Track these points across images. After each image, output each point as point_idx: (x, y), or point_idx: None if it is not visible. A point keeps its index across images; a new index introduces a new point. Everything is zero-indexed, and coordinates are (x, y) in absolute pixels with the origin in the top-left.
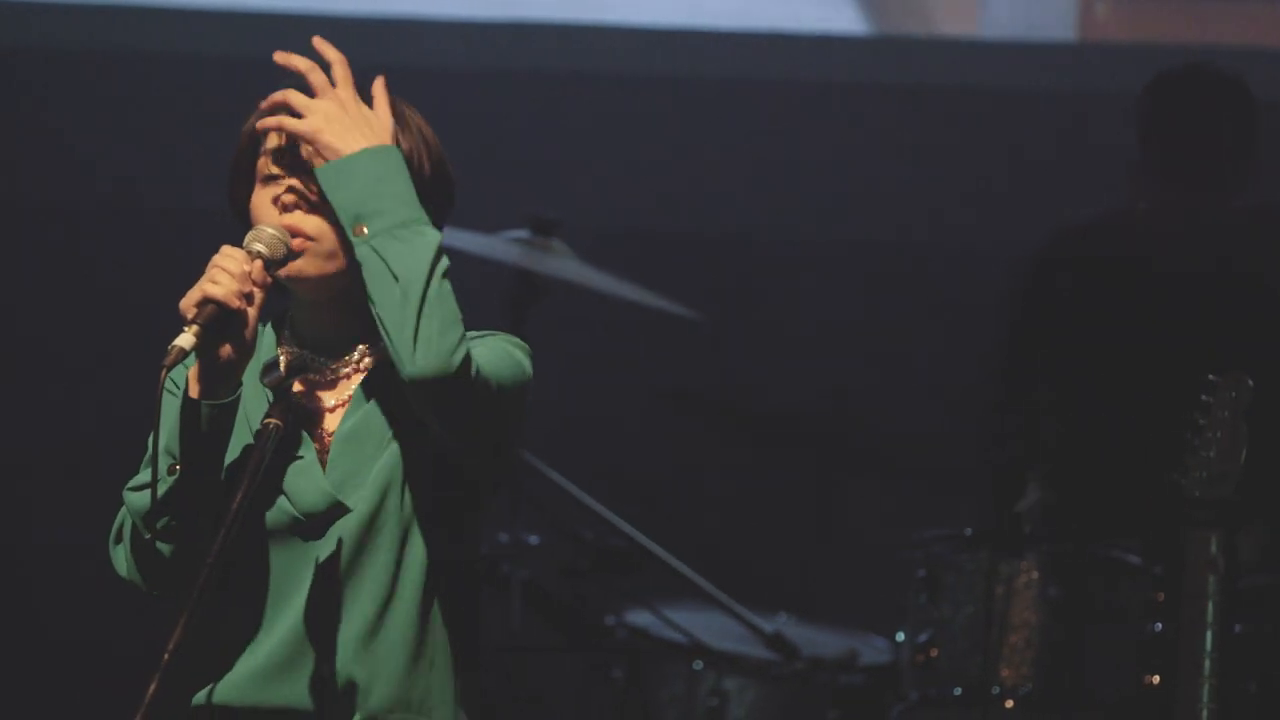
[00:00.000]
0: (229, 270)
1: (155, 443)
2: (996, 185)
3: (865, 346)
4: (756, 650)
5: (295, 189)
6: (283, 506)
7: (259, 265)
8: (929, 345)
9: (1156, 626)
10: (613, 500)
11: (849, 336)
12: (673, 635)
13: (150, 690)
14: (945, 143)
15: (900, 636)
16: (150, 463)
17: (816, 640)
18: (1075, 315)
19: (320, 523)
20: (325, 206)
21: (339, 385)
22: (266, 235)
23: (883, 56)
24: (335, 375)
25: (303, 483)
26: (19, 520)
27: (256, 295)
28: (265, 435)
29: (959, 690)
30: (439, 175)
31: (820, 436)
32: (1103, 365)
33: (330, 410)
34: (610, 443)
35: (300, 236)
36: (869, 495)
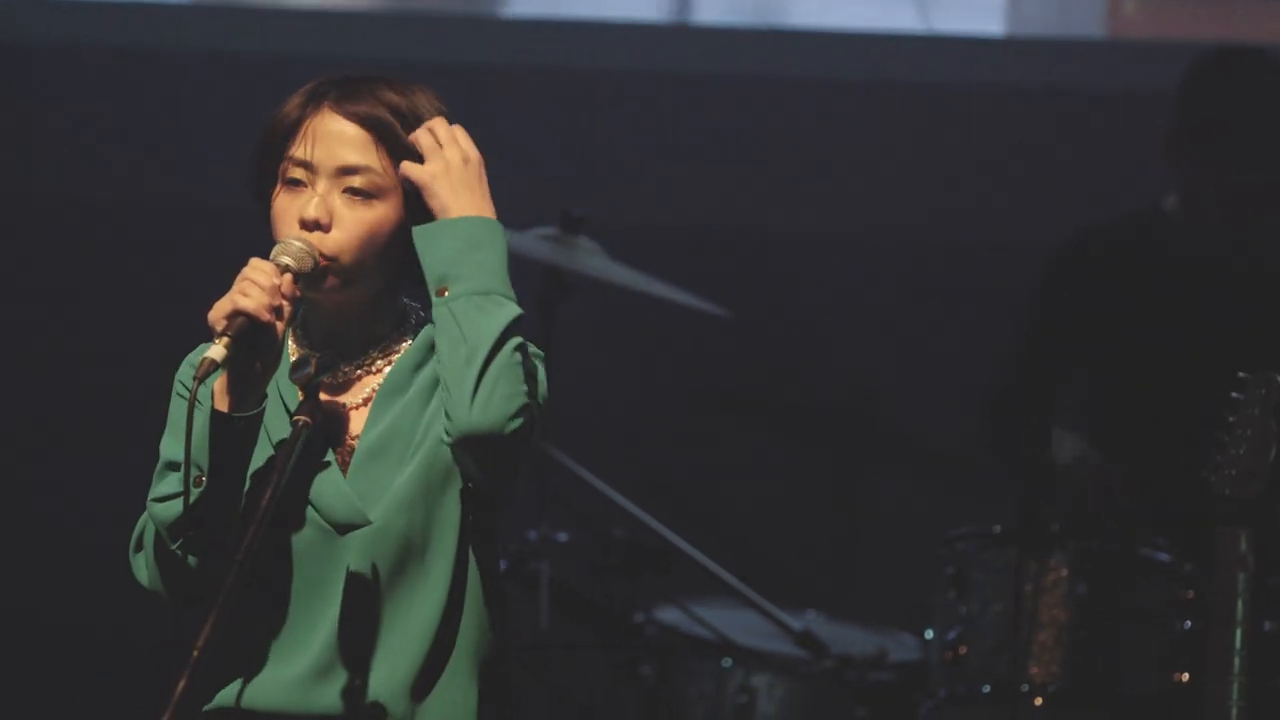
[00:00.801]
0: (259, 283)
1: (187, 455)
2: (1026, 182)
3: (895, 343)
4: (785, 648)
5: (318, 207)
6: (307, 513)
7: (288, 279)
8: (959, 342)
9: (1186, 624)
10: (641, 497)
11: (879, 333)
12: (702, 632)
13: (179, 688)
14: (974, 139)
15: (929, 634)
16: (181, 474)
17: (845, 638)
18: (1102, 313)
19: (342, 531)
20: (346, 225)
21: (354, 387)
22: (294, 249)
23: (912, 53)
24: (349, 377)
25: (326, 490)
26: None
27: (285, 308)
28: (295, 433)
29: (988, 688)
30: None
31: (850, 433)
32: (1131, 363)
33: (347, 412)
34: (638, 440)
35: (324, 260)
36: (898, 492)
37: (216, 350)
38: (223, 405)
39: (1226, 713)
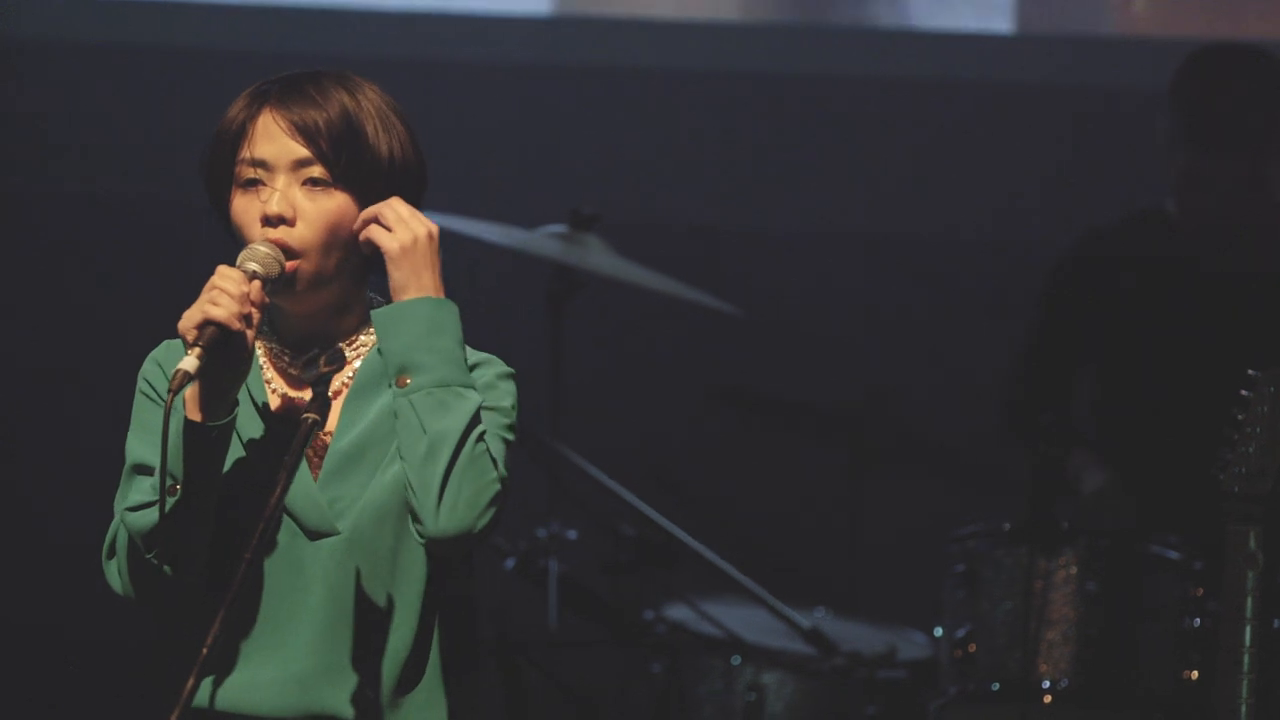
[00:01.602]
0: (229, 291)
1: (163, 467)
2: (1034, 180)
3: (906, 341)
4: (795, 645)
5: (279, 202)
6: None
7: (257, 285)
8: (969, 340)
9: (1195, 621)
10: (651, 495)
11: (890, 331)
12: (711, 630)
13: (187, 687)
14: (982, 138)
15: (939, 631)
16: (153, 482)
17: (855, 635)
18: (1109, 312)
19: (312, 537)
20: (309, 218)
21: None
22: (261, 254)
23: (920, 51)
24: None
25: (298, 494)
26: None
27: (255, 316)
28: (303, 431)
29: (997, 685)
30: (407, 157)
31: (859, 431)
32: (1140, 362)
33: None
34: (648, 437)
35: (288, 252)
36: (907, 490)
37: (189, 361)
38: (195, 415)
39: (1236, 710)
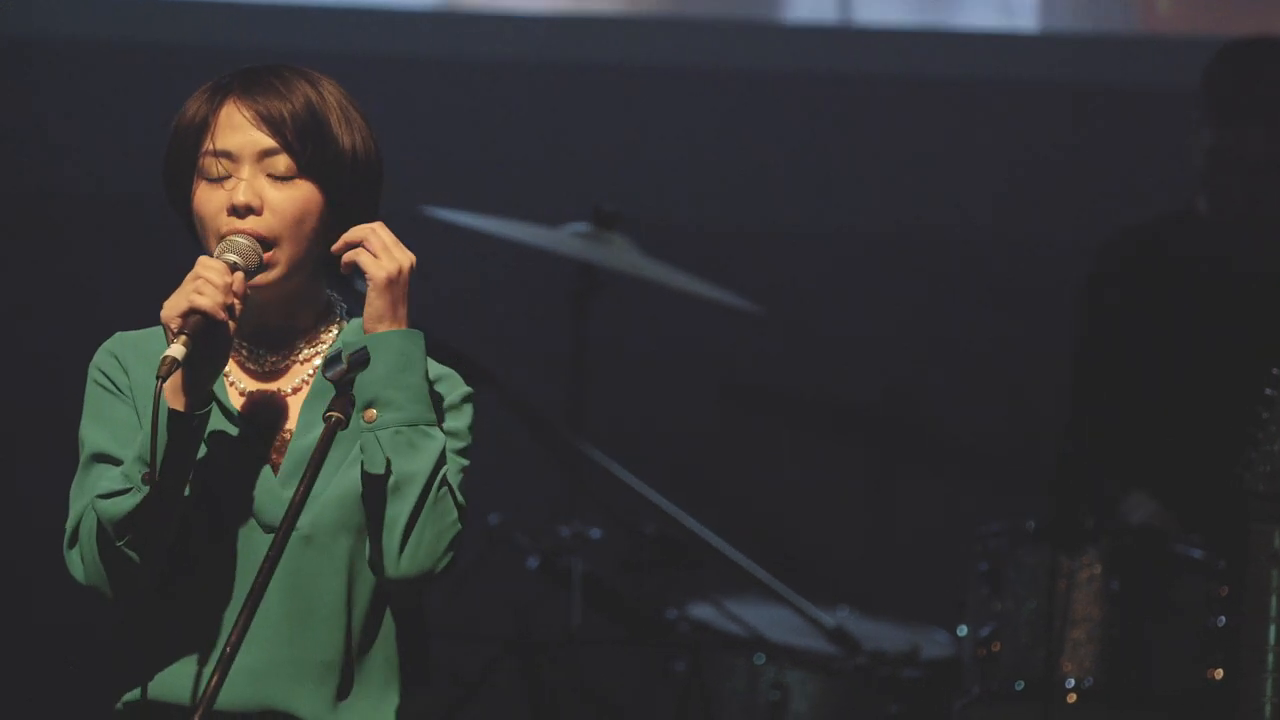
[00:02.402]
0: (213, 281)
1: (154, 451)
2: (1058, 178)
3: (928, 340)
4: (818, 644)
5: (246, 191)
6: (238, 511)
7: (239, 277)
8: (990, 338)
9: (1219, 620)
10: (674, 494)
11: (912, 330)
12: (734, 629)
13: (210, 685)
14: (1005, 136)
15: (962, 630)
16: (123, 470)
17: (878, 634)
18: (1137, 312)
19: (270, 533)
20: (277, 208)
21: (283, 376)
22: (240, 246)
23: (944, 50)
24: (277, 366)
25: (258, 489)
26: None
27: (237, 307)
28: (328, 430)
29: (1021, 684)
30: (369, 150)
31: (882, 429)
32: (1165, 362)
33: (281, 400)
34: (671, 436)
35: (261, 241)
36: (931, 489)
37: (176, 349)
38: (178, 404)
39: (1260, 709)
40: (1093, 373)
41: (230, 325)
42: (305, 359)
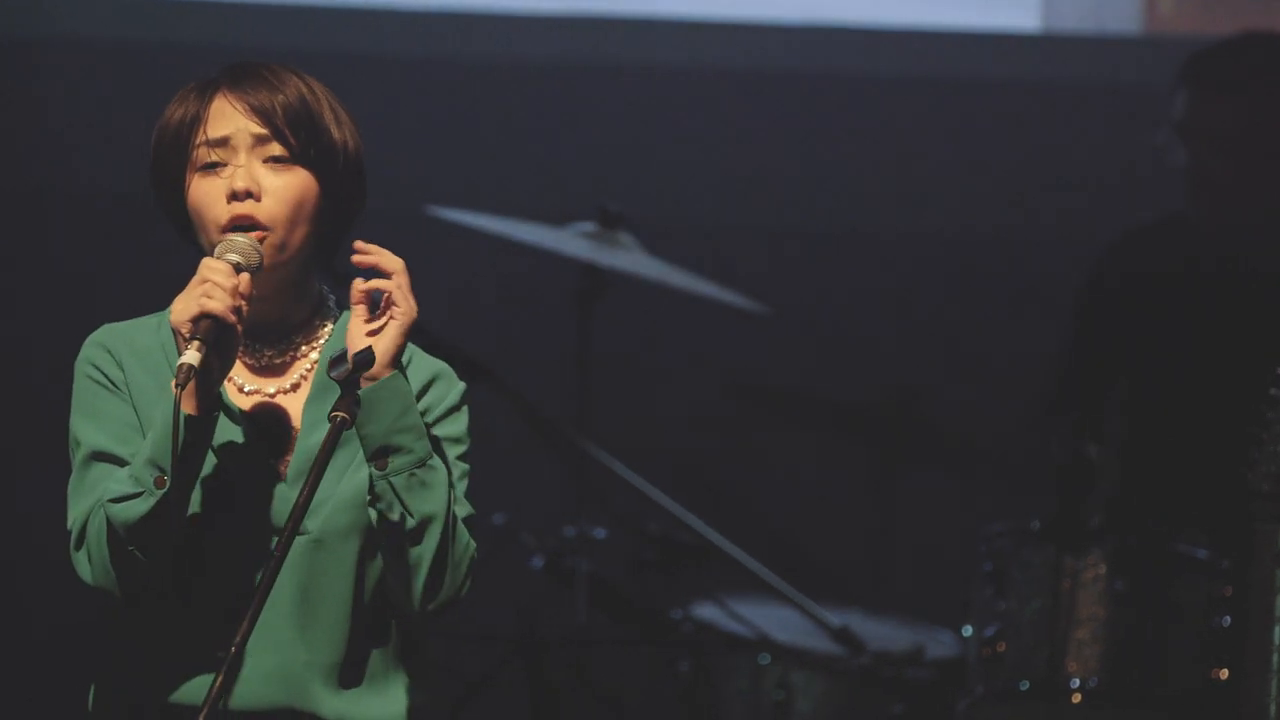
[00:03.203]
0: (221, 284)
1: (174, 458)
2: (1063, 179)
3: (933, 340)
4: (823, 644)
5: (244, 177)
6: (246, 512)
7: (245, 278)
8: (996, 339)
9: (1224, 620)
10: (679, 493)
11: (917, 330)
12: (739, 629)
13: (214, 685)
14: (1011, 136)
15: (967, 631)
16: (131, 473)
17: (883, 634)
18: (1141, 314)
19: (277, 532)
20: (274, 193)
21: (283, 373)
22: (241, 246)
23: (948, 50)
24: (274, 362)
25: (266, 493)
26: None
27: (244, 308)
28: (334, 429)
29: (1026, 684)
30: (357, 147)
31: (887, 429)
32: (1169, 363)
33: (274, 397)
34: (676, 436)
35: (258, 230)
36: (936, 489)
37: (192, 355)
38: (189, 408)
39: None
40: (1093, 373)
41: (238, 327)
42: (303, 354)
